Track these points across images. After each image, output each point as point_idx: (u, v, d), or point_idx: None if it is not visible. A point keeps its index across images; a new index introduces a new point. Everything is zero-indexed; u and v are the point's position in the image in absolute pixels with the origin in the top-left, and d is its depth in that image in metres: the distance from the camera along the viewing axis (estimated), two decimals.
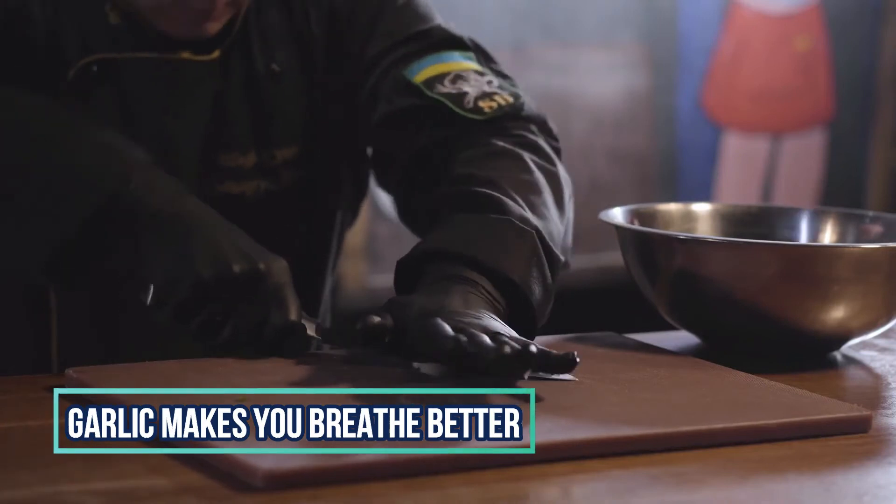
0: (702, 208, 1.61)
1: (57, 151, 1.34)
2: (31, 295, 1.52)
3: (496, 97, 1.48)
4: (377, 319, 1.21)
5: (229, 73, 1.51)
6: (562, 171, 1.48)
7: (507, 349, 1.12)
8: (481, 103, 1.46)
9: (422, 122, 1.48)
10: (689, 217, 1.60)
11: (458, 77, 1.49)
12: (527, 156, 1.44)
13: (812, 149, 3.79)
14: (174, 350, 1.30)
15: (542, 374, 1.21)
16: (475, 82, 1.49)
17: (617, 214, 1.51)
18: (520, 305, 1.30)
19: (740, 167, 3.71)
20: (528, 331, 1.28)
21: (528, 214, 1.35)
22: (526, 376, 1.16)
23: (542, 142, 1.48)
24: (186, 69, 1.48)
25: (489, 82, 1.50)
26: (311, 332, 1.31)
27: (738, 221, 1.60)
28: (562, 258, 1.36)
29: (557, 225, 1.40)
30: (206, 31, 1.46)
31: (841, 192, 3.80)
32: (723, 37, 3.66)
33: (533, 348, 1.13)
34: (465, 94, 1.47)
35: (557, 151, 1.51)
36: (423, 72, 1.50)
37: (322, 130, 1.56)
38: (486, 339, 1.14)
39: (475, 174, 1.39)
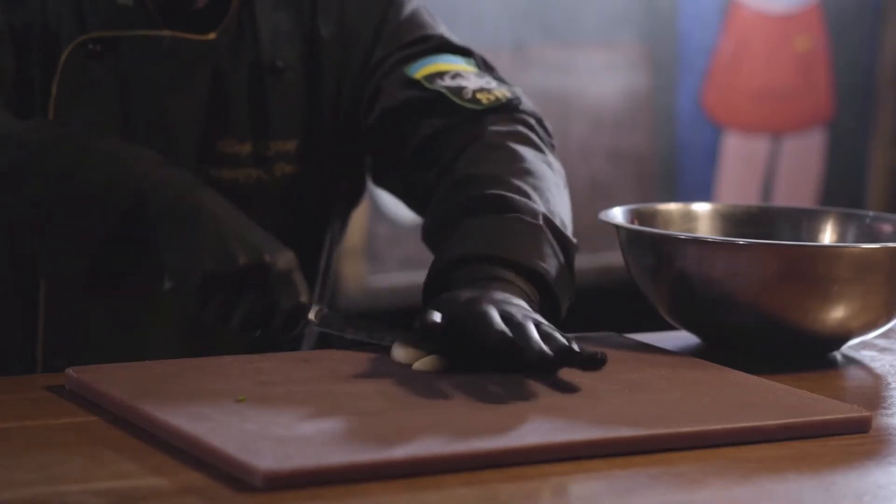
0: (702, 208, 1.62)
1: (68, 180, 1.37)
2: (22, 288, 1.54)
3: (494, 91, 1.54)
4: (435, 317, 1.23)
5: (235, 63, 1.55)
6: (555, 161, 1.53)
7: (549, 349, 1.18)
8: (479, 95, 1.53)
9: (422, 114, 1.53)
10: (689, 217, 1.60)
11: (458, 75, 1.55)
12: (523, 147, 1.49)
13: (812, 149, 3.79)
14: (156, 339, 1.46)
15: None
16: (474, 80, 1.55)
17: (617, 214, 1.51)
18: (544, 294, 1.35)
19: (740, 167, 3.71)
20: (554, 316, 1.34)
21: (535, 204, 1.40)
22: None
23: (536, 135, 1.53)
24: (183, 47, 1.52)
25: (487, 81, 1.56)
26: (312, 316, 1.34)
27: (738, 221, 1.60)
28: (574, 240, 1.41)
29: (564, 206, 1.46)
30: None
31: (841, 192, 3.80)
32: (723, 37, 3.66)
33: (575, 346, 1.19)
34: (464, 87, 1.53)
35: (552, 147, 1.56)
36: (423, 69, 1.55)
37: (321, 128, 1.60)
38: (534, 331, 1.19)
39: (478, 173, 1.44)
